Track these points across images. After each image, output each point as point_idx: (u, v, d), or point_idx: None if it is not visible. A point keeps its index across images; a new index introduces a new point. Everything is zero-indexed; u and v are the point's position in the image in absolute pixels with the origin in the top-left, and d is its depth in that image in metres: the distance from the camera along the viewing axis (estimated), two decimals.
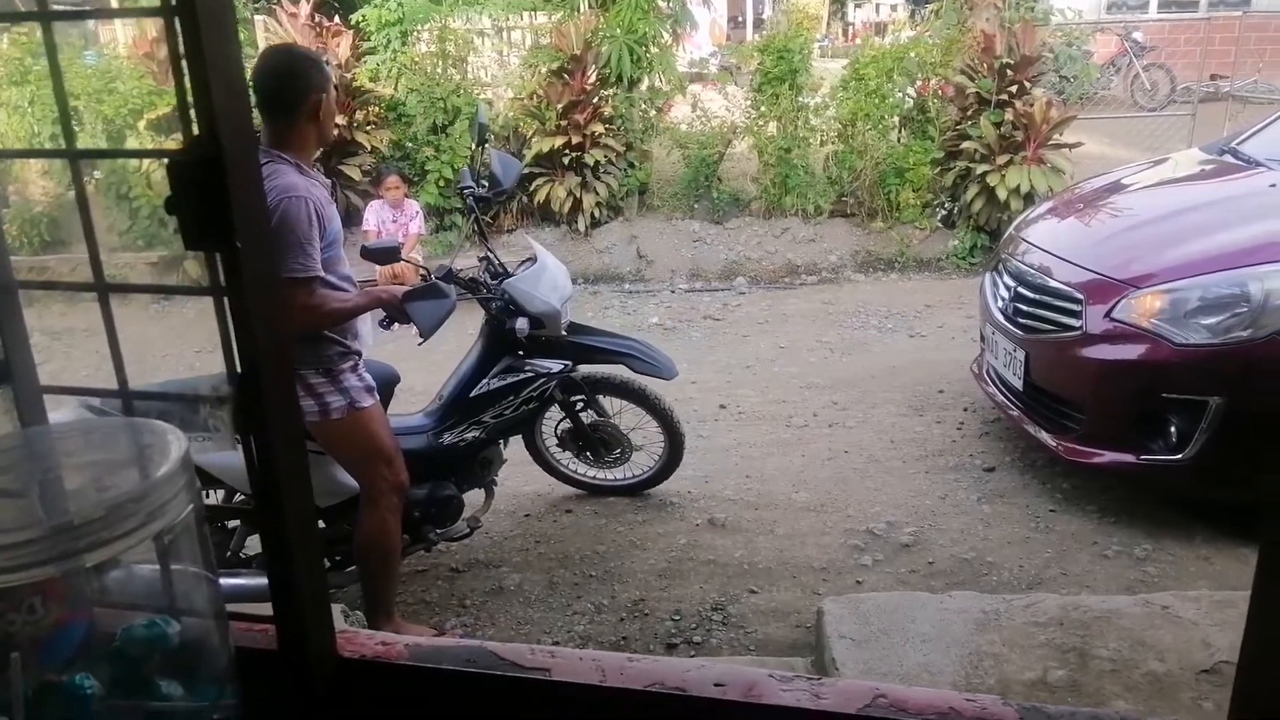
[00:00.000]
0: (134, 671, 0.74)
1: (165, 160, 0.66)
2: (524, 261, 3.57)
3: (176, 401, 0.78)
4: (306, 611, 0.80)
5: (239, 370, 0.72)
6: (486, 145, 3.57)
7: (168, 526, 0.70)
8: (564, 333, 3.51)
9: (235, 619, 0.84)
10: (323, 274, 2.59)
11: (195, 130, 0.65)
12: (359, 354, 2.87)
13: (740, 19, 21.12)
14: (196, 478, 0.76)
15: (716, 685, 0.80)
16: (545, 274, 3.48)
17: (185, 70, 0.63)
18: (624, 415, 3.88)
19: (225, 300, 0.70)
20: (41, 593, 0.71)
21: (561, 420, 3.82)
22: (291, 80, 2.56)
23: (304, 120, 2.59)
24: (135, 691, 0.74)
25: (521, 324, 3.35)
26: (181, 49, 0.63)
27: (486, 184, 3.45)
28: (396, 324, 2.95)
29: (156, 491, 0.69)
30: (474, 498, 3.54)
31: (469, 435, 3.35)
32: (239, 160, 0.65)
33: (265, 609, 0.83)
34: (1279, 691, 0.60)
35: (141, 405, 0.81)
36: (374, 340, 3.09)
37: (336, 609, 3.27)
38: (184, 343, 6.42)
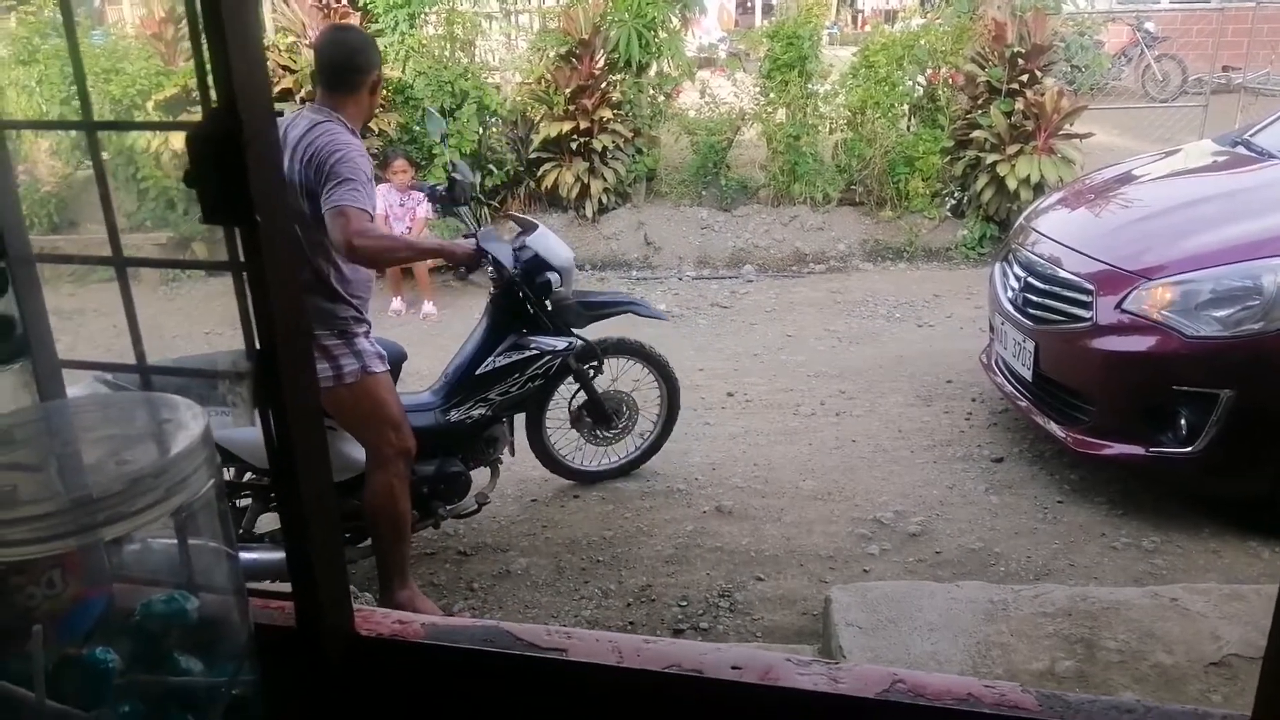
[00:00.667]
0: (153, 646, 0.74)
1: (184, 134, 0.66)
2: (519, 234, 3.60)
3: (194, 377, 0.78)
4: (324, 589, 0.79)
5: (257, 346, 0.72)
6: (447, 140, 3.69)
7: (187, 502, 0.70)
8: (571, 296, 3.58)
9: (254, 595, 0.84)
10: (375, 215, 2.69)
11: (214, 103, 0.64)
12: (369, 323, 2.92)
13: (749, 4, 21.02)
14: (217, 453, 0.76)
15: (734, 668, 0.79)
16: (550, 236, 3.57)
17: (204, 43, 0.63)
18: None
19: (245, 276, 0.70)
20: (61, 566, 0.71)
21: (575, 394, 3.85)
22: (358, 57, 2.78)
23: (364, 93, 2.80)
24: (155, 666, 0.74)
25: (554, 277, 3.42)
26: (201, 22, 0.62)
27: (448, 186, 3.46)
28: (470, 274, 3.15)
29: (176, 466, 0.69)
30: (480, 476, 3.55)
31: (475, 413, 3.36)
32: (258, 133, 0.64)
33: (284, 586, 0.83)
34: None
35: (158, 381, 0.81)
36: None
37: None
38: (194, 324, 6.43)
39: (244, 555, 2.83)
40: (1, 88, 7.70)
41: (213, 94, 0.64)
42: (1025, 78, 7.36)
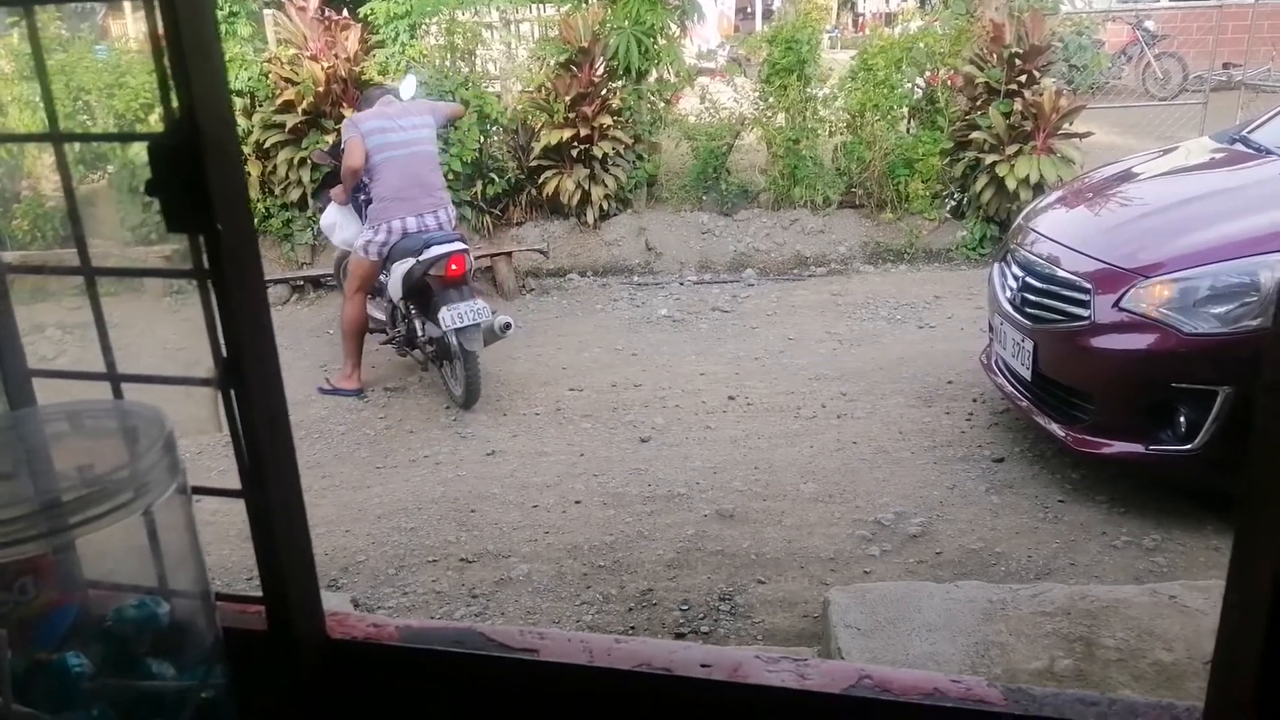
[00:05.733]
0: (125, 651, 0.75)
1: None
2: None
3: (164, 384, 0.79)
4: (295, 593, 0.80)
5: (224, 353, 0.73)
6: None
7: (154, 505, 0.71)
8: None
9: (225, 600, 0.85)
10: None
11: (175, 114, 0.65)
12: None
13: (749, 10, 21.07)
14: (179, 458, 0.77)
15: (703, 665, 0.80)
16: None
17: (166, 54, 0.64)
18: None
19: (209, 284, 0.71)
20: (33, 573, 0.72)
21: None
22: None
23: None
24: (126, 671, 0.75)
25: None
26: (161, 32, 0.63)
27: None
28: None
29: (142, 470, 0.70)
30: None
31: None
32: (217, 142, 0.65)
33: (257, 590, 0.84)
34: (1255, 677, 0.60)
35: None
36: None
37: (345, 596, 3.31)
38: (200, 336, 6.44)
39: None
40: (4, 103, 7.75)
41: (175, 104, 0.65)
42: (1023, 78, 7.35)
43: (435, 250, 4.86)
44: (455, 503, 4.04)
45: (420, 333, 5.24)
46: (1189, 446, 3.36)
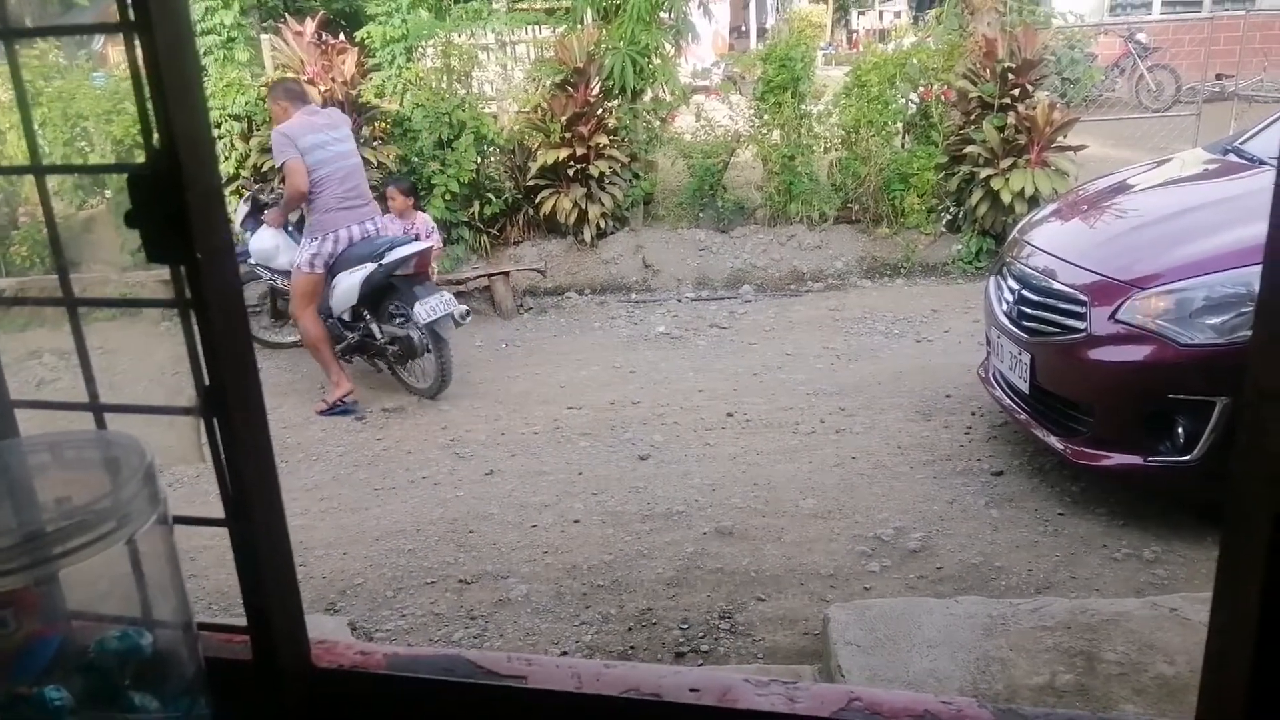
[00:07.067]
0: (107, 683, 0.75)
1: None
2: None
3: (145, 413, 0.79)
4: (279, 622, 0.80)
5: (206, 382, 0.73)
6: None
7: (136, 535, 0.71)
8: None
9: (209, 629, 0.84)
10: None
11: (156, 146, 0.66)
12: None
13: (743, 28, 21.18)
14: (161, 488, 0.76)
15: (692, 690, 0.80)
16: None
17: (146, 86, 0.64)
18: None
19: (190, 314, 0.71)
20: (14, 605, 0.71)
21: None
22: None
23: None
24: (108, 704, 0.75)
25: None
26: (142, 65, 0.64)
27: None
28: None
29: (124, 500, 0.70)
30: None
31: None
32: (198, 174, 0.65)
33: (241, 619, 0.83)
34: (1244, 693, 0.59)
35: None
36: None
37: (343, 620, 3.29)
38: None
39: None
40: (3, 131, 7.78)
41: (155, 137, 0.65)
42: (1017, 92, 7.40)
43: (401, 251, 5.21)
44: (454, 523, 4.03)
45: (379, 335, 5.40)
46: (1188, 458, 3.36)
